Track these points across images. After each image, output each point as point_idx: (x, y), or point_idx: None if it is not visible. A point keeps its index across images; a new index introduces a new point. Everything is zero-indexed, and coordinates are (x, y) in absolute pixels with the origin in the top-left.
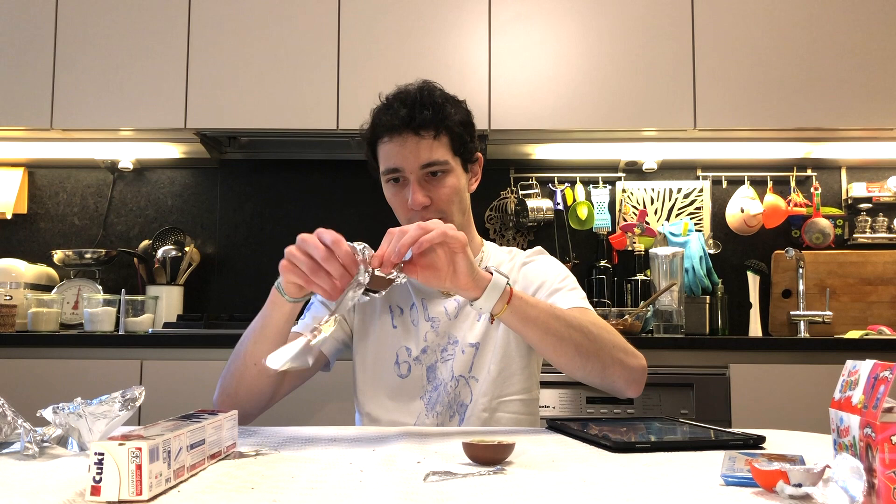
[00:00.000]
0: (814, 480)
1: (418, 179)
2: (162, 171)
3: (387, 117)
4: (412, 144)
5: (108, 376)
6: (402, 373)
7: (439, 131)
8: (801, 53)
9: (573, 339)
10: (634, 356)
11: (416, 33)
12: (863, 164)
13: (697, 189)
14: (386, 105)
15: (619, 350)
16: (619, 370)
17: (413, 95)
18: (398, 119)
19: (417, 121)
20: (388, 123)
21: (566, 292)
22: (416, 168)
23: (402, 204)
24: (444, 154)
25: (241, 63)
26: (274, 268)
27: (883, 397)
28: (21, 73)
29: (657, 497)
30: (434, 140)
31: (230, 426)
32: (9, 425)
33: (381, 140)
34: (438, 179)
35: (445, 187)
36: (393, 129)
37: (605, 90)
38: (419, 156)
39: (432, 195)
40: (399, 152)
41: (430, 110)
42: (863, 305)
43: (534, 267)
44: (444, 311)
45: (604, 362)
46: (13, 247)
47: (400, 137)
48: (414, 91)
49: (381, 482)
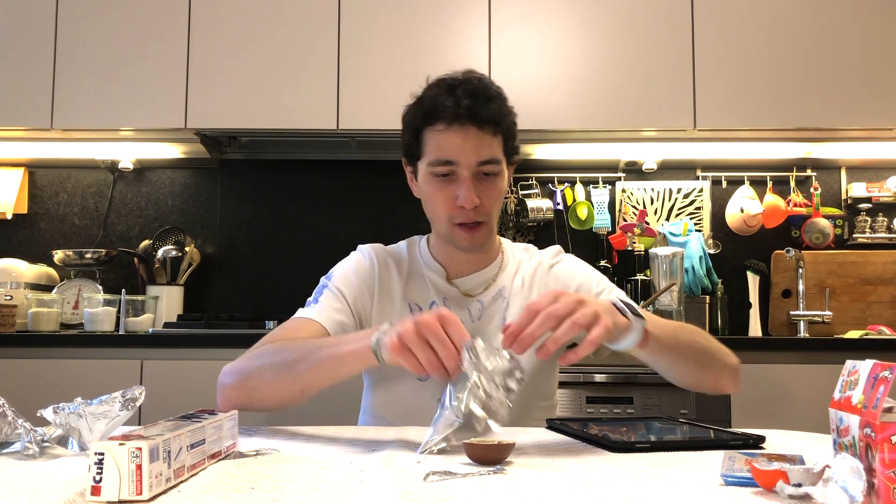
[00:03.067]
0: (814, 480)
1: (472, 176)
2: (162, 171)
3: (449, 103)
4: (473, 138)
5: (108, 376)
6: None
7: (498, 129)
8: (801, 53)
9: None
10: (731, 354)
11: (416, 33)
12: (862, 164)
13: (697, 189)
14: (448, 88)
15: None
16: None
17: (477, 85)
18: (462, 108)
19: (483, 114)
20: (451, 110)
21: (616, 296)
22: (473, 164)
23: (447, 200)
24: (499, 154)
25: (241, 63)
26: (273, 268)
27: (883, 397)
28: (21, 73)
29: (657, 497)
30: (493, 138)
31: (230, 426)
32: (9, 425)
33: (433, 126)
34: (490, 180)
35: (495, 189)
36: (455, 117)
37: (605, 90)
38: (479, 151)
39: (481, 196)
40: (458, 144)
41: (496, 104)
42: (862, 305)
43: (563, 269)
44: (469, 314)
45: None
46: (13, 247)
47: (461, 128)
48: (475, 81)
49: (381, 482)
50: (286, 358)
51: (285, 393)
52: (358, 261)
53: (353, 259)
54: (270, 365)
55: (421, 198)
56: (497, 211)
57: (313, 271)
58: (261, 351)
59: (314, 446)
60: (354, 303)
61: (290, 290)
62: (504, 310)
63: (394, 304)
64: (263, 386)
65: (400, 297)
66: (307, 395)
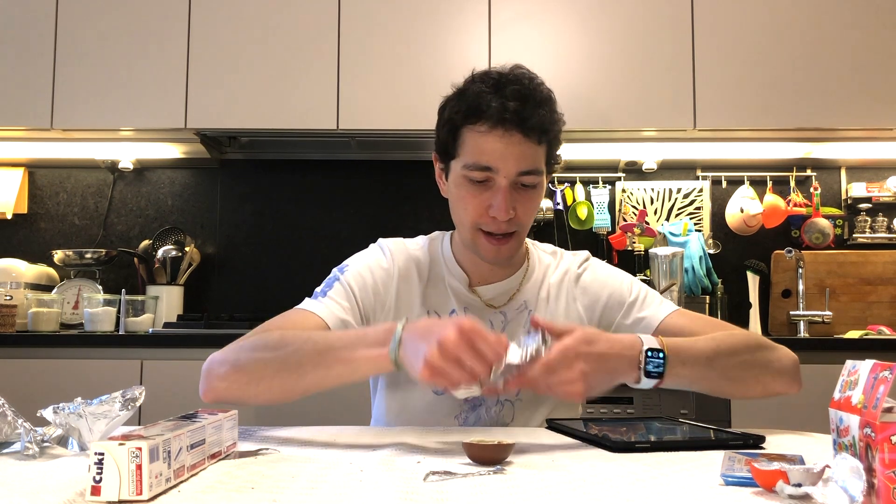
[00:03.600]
0: (814, 480)
1: (510, 186)
2: (162, 171)
3: (496, 104)
4: (517, 144)
5: (108, 376)
6: (437, 388)
7: (545, 137)
8: (801, 53)
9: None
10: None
11: (416, 33)
12: (862, 164)
13: (697, 189)
14: (494, 86)
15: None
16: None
17: (527, 86)
18: (509, 111)
19: (531, 120)
20: (496, 112)
21: (651, 301)
22: (512, 173)
23: (478, 206)
24: (542, 164)
25: (241, 63)
26: (273, 268)
27: (883, 397)
28: (21, 73)
29: (657, 497)
30: (538, 146)
31: (230, 426)
32: (9, 425)
33: (474, 126)
34: (527, 191)
35: (533, 201)
36: (500, 120)
37: (605, 90)
38: (521, 161)
39: (517, 207)
40: (500, 150)
41: (544, 110)
42: (862, 305)
43: (591, 279)
44: (491, 325)
45: (764, 383)
46: (13, 247)
47: (506, 133)
48: (526, 80)
49: (381, 482)
50: (290, 354)
51: (286, 391)
52: (377, 261)
53: (373, 257)
54: (273, 360)
55: (448, 198)
56: (530, 223)
57: (313, 271)
58: (258, 342)
59: (314, 446)
60: (364, 304)
61: (290, 289)
62: (528, 324)
63: (412, 311)
64: (261, 381)
65: (419, 302)
66: (308, 394)
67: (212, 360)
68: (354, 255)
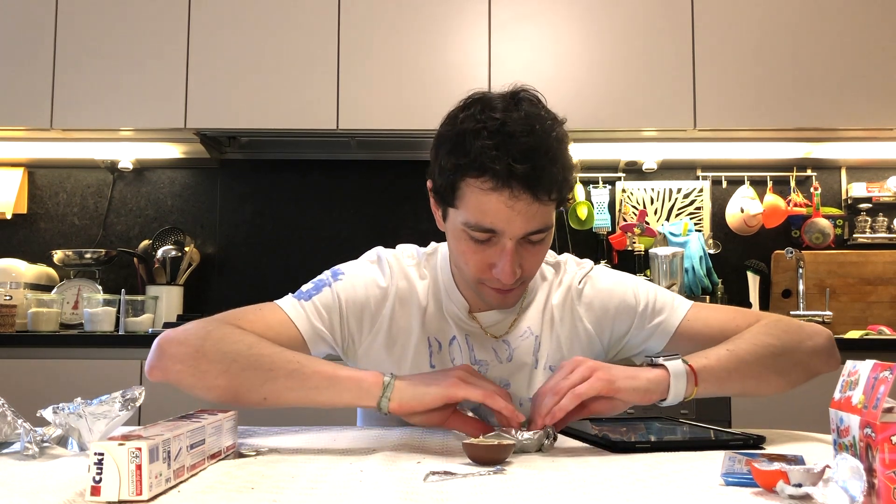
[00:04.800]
0: (814, 480)
1: (516, 246)
2: (162, 171)
3: (500, 165)
4: (524, 207)
5: (108, 376)
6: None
7: (556, 194)
8: (801, 53)
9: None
10: (816, 333)
11: (416, 33)
12: (863, 164)
13: (697, 189)
14: (498, 139)
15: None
16: (818, 360)
17: (538, 139)
18: (514, 172)
19: (541, 182)
20: (501, 172)
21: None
22: (519, 235)
23: (480, 264)
24: (552, 218)
25: (241, 63)
26: (273, 268)
27: (883, 397)
28: (21, 73)
29: (657, 497)
30: (549, 203)
31: (230, 426)
32: (9, 425)
33: (475, 180)
34: (534, 246)
35: (540, 255)
36: (505, 181)
37: (605, 90)
38: (530, 221)
39: (524, 263)
40: (504, 213)
41: (557, 167)
42: (863, 305)
43: (594, 292)
44: (495, 354)
45: (804, 365)
46: (13, 247)
47: (511, 195)
48: (537, 129)
49: (381, 482)
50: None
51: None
52: (375, 279)
53: (371, 274)
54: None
55: (447, 238)
56: (537, 270)
57: (313, 271)
58: (229, 335)
59: (314, 446)
60: (350, 320)
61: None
62: (535, 350)
63: (410, 336)
64: (220, 375)
65: (418, 328)
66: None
67: (168, 338)
68: (352, 263)
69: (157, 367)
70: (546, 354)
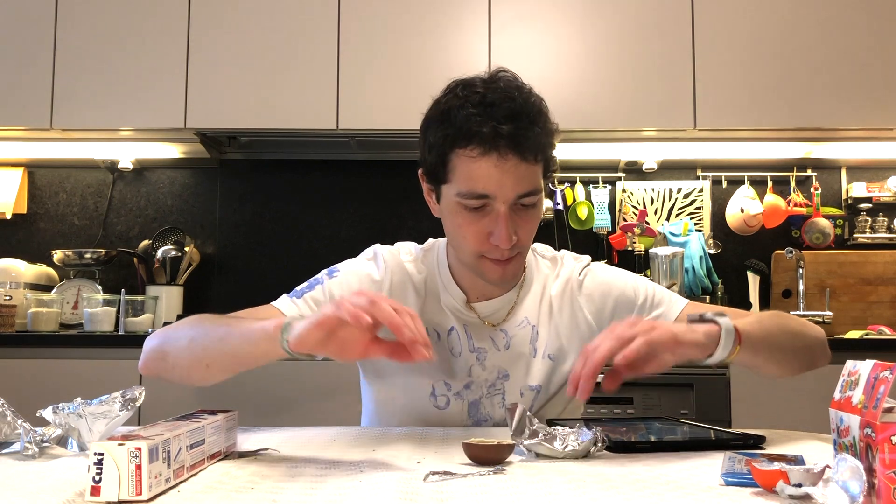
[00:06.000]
0: (814, 480)
1: (510, 210)
2: (162, 171)
3: (486, 129)
4: (512, 168)
5: (108, 376)
6: (439, 404)
7: (541, 156)
8: (800, 53)
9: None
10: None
11: (416, 33)
12: (863, 164)
13: (697, 189)
14: (482, 107)
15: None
16: (821, 351)
17: (519, 105)
18: (503, 135)
19: (526, 142)
20: (488, 137)
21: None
22: (511, 198)
23: (478, 235)
24: (540, 181)
25: (241, 63)
26: (273, 268)
27: (883, 397)
28: (21, 73)
29: (657, 497)
30: (535, 164)
31: (230, 426)
32: (8, 425)
33: (464, 150)
34: (527, 212)
35: (534, 220)
36: (492, 143)
37: (605, 90)
38: (520, 184)
39: (519, 230)
40: (495, 176)
41: (540, 128)
42: (863, 305)
43: (595, 284)
44: (492, 342)
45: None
46: (13, 247)
47: (499, 157)
48: (514, 93)
49: (381, 482)
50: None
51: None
52: (369, 273)
53: (365, 268)
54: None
55: (442, 220)
56: (532, 240)
57: (313, 271)
58: (188, 319)
59: (314, 446)
60: None
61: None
62: (533, 340)
63: None
64: (176, 353)
65: None
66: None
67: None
68: (348, 261)
69: (141, 364)
70: (545, 343)
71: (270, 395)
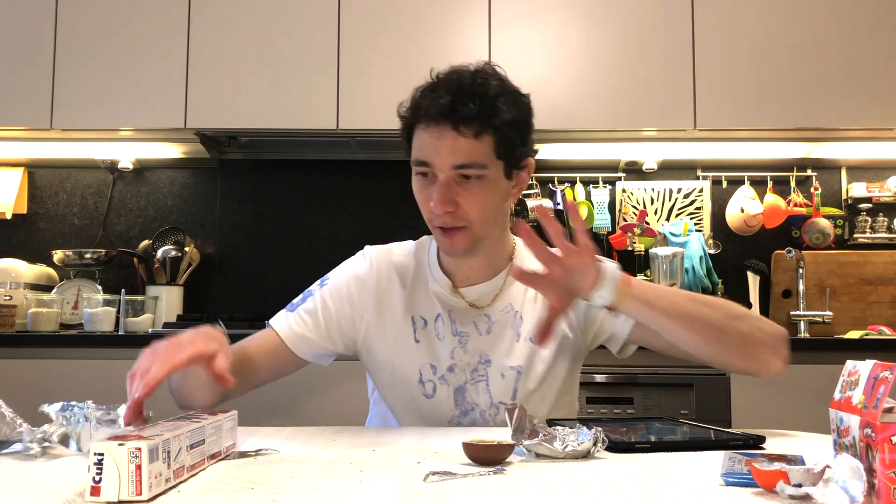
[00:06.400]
0: (814, 480)
1: (447, 180)
2: (162, 171)
3: (427, 102)
4: (448, 140)
5: (108, 376)
6: (427, 392)
7: (483, 130)
8: (801, 53)
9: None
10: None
11: (416, 33)
12: (863, 164)
13: (697, 189)
14: (431, 87)
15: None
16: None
17: (462, 82)
18: (437, 107)
19: (459, 114)
20: (426, 109)
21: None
22: (446, 167)
23: (425, 201)
24: (484, 157)
25: (241, 63)
26: (273, 268)
27: (883, 397)
28: (21, 73)
29: (657, 497)
30: (475, 139)
31: (230, 426)
32: (8, 425)
33: (417, 125)
34: (471, 184)
35: (475, 195)
36: (430, 117)
37: (605, 90)
38: (453, 155)
39: (461, 200)
40: (432, 145)
41: (476, 103)
42: (863, 305)
43: None
44: (475, 326)
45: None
46: (13, 247)
47: (437, 129)
48: (466, 76)
49: (381, 482)
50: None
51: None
52: (357, 272)
53: (354, 268)
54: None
55: None
56: (484, 216)
57: (313, 271)
58: None
59: (314, 446)
60: (340, 317)
61: (289, 290)
62: (517, 325)
63: (395, 317)
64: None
65: (402, 309)
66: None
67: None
68: (338, 267)
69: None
70: (528, 328)
71: (270, 395)
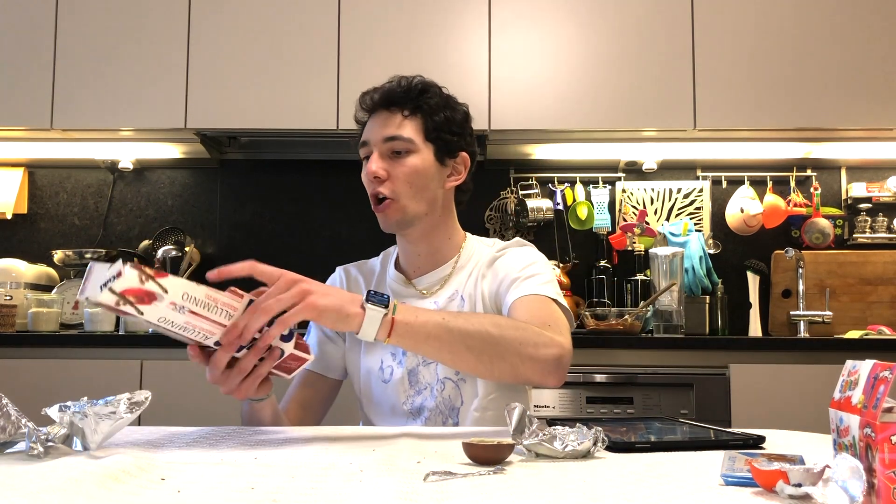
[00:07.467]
0: (814, 480)
1: (381, 153)
2: (162, 171)
3: (369, 96)
4: (381, 118)
5: (108, 376)
6: (385, 377)
7: (412, 111)
8: (801, 53)
9: (472, 348)
10: (547, 346)
11: (416, 33)
12: (863, 164)
13: (697, 189)
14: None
15: (527, 346)
16: (530, 366)
17: (399, 80)
18: (371, 98)
19: (390, 97)
20: (363, 101)
21: (524, 281)
22: (379, 140)
23: (365, 177)
24: (412, 134)
25: (241, 63)
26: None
27: (883, 397)
28: (21, 73)
29: (657, 497)
30: (404, 118)
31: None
32: (12, 424)
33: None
34: (401, 158)
35: (404, 166)
36: (371, 106)
37: (605, 90)
38: (383, 128)
39: (391, 172)
40: (370, 128)
41: (406, 91)
42: (862, 305)
43: (502, 261)
44: None
45: (512, 362)
46: (13, 247)
47: (372, 112)
48: (404, 77)
49: (381, 482)
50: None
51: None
52: (331, 283)
53: (329, 283)
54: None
55: None
56: (413, 192)
57: (313, 272)
58: None
59: (314, 446)
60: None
61: None
62: (461, 307)
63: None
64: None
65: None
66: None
67: None
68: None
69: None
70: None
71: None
